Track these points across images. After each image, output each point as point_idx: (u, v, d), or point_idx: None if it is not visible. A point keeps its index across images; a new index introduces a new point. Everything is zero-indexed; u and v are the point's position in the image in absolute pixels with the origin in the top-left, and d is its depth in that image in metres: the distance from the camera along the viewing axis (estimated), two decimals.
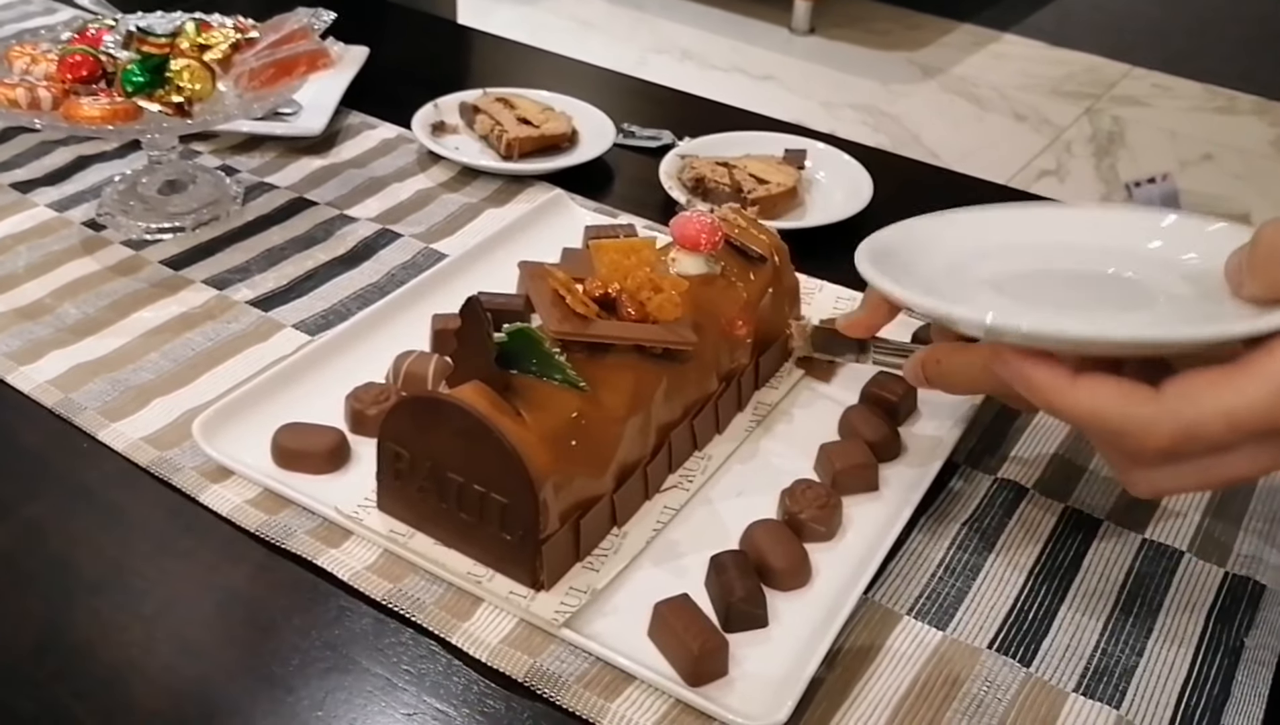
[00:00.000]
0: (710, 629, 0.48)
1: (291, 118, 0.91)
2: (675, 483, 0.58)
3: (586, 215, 0.81)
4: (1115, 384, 0.42)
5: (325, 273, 0.75)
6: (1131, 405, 0.41)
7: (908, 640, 0.51)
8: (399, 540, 0.53)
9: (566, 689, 0.48)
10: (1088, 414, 0.43)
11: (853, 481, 0.58)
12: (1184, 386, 0.41)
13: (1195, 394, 0.40)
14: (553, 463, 0.49)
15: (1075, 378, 0.43)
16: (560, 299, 0.54)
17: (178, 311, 0.70)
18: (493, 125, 0.90)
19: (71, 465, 0.59)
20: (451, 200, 0.84)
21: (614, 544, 0.54)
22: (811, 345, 0.64)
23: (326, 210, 0.82)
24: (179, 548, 0.54)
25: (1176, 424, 0.41)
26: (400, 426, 0.52)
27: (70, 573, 0.53)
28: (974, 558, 0.55)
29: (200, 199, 0.80)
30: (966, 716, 0.48)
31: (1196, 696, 0.49)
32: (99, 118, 0.69)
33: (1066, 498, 0.59)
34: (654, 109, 1.01)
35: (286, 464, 0.57)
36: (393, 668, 0.49)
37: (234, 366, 0.65)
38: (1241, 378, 0.40)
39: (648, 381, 0.55)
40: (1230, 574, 0.55)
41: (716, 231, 0.60)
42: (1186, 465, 0.42)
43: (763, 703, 0.46)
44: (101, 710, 0.47)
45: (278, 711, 0.47)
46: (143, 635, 0.50)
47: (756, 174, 0.84)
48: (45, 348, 0.66)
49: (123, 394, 0.63)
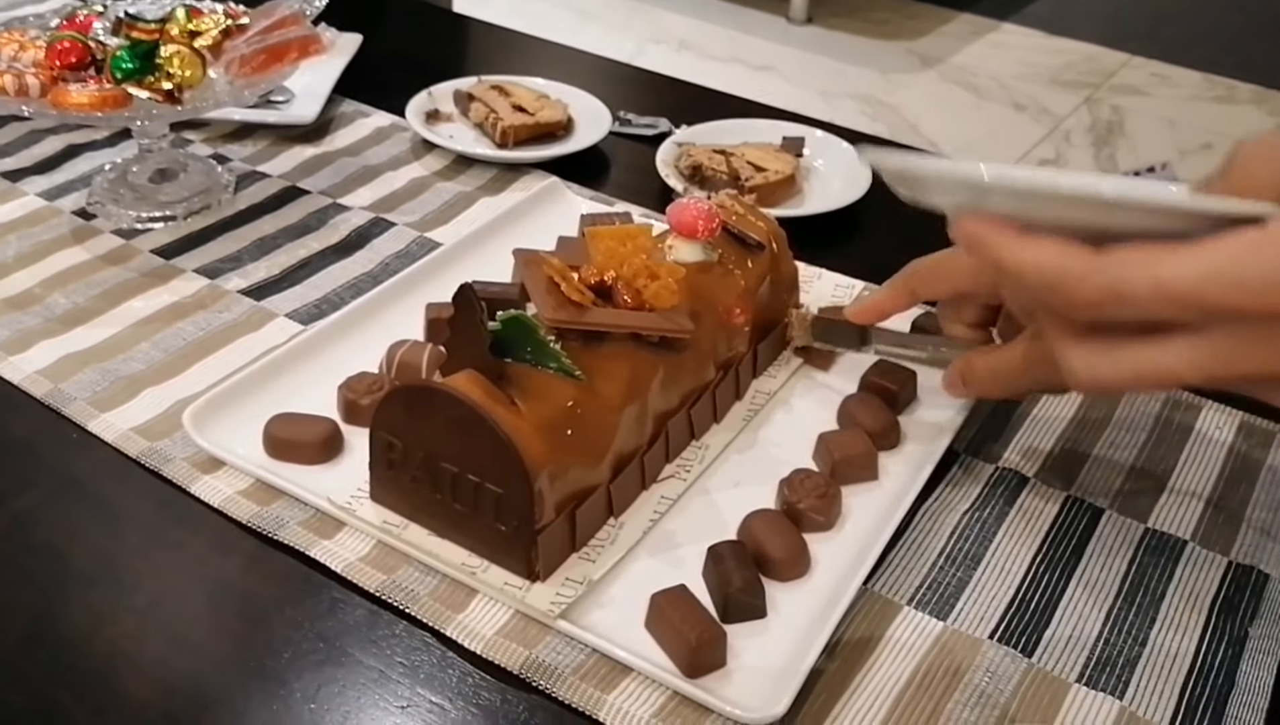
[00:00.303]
0: (708, 620, 0.48)
1: (284, 106, 0.90)
2: (672, 473, 0.57)
3: (582, 203, 0.80)
4: (1060, 241, 0.42)
5: (318, 262, 0.74)
6: (1069, 257, 0.41)
7: (908, 631, 0.50)
8: (392, 531, 0.52)
9: (563, 681, 0.47)
10: (1030, 265, 0.42)
11: (852, 471, 0.57)
12: (1123, 250, 0.40)
13: (1131, 256, 0.40)
14: (548, 452, 0.49)
15: (1027, 234, 0.43)
16: (555, 286, 0.53)
17: (169, 301, 0.69)
18: (487, 113, 0.89)
19: (61, 456, 0.58)
20: (446, 189, 0.83)
21: (610, 535, 0.53)
22: (811, 335, 0.63)
23: (319, 199, 0.81)
24: (170, 539, 0.54)
25: (1104, 278, 0.40)
26: (393, 416, 0.51)
27: (60, 565, 0.52)
28: (975, 547, 0.55)
29: (191, 187, 0.79)
30: (968, 707, 0.47)
31: (1201, 687, 0.48)
32: (88, 105, 0.68)
33: (1068, 486, 0.58)
34: (650, 97, 1.00)
35: (278, 454, 0.56)
36: (386, 660, 0.48)
37: (226, 356, 0.65)
38: (1180, 251, 0.39)
39: (644, 370, 0.54)
40: (1234, 563, 0.54)
41: (714, 218, 0.59)
42: (1120, 347, 0.42)
43: (761, 694, 0.46)
44: (92, 703, 0.46)
45: (270, 704, 0.46)
46: (133, 627, 0.49)
47: (754, 162, 0.83)
48: (34, 338, 0.65)
49: (113, 384, 0.62)
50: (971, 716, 0.47)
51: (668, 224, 0.60)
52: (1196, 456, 0.61)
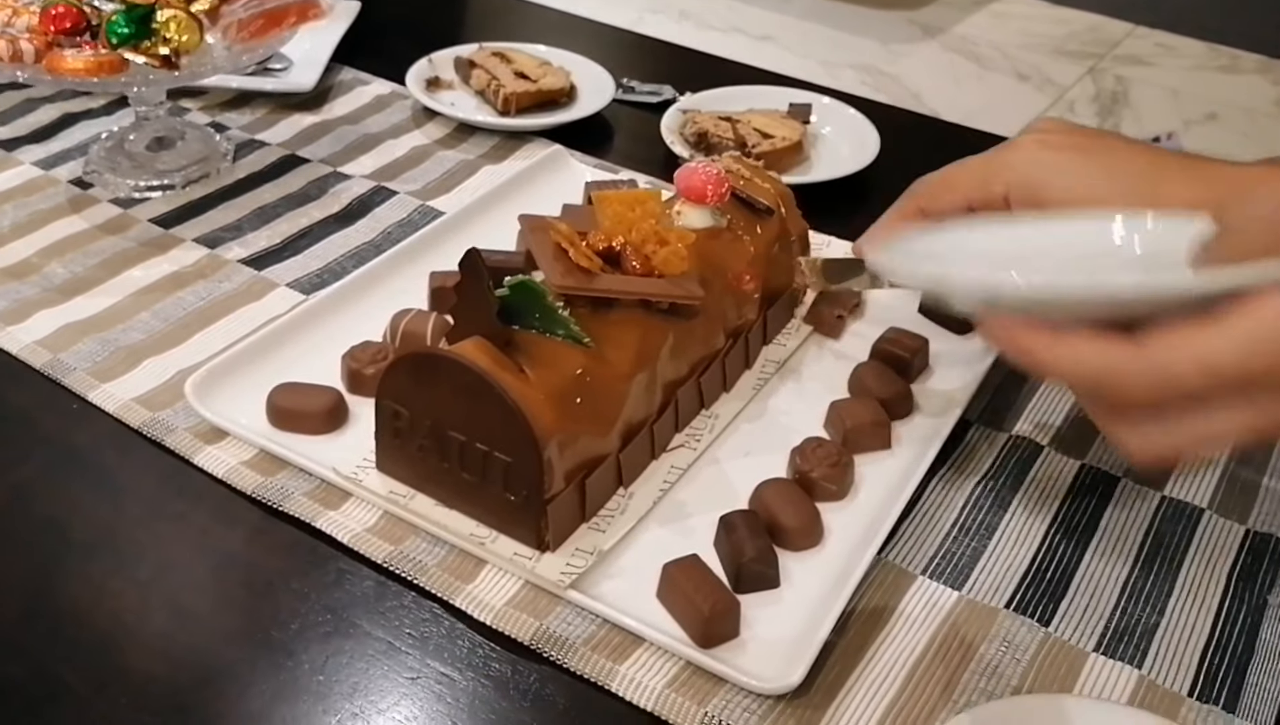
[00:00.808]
0: (721, 589, 0.47)
1: (282, 73, 0.89)
2: (682, 442, 0.56)
3: (586, 171, 0.79)
4: (1096, 336, 0.43)
5: (319, 231, 0.73)
6: (1110, 354, 0.42)
7: (923, 601, 0.50)
8: (399, 502, 0.52)
9: (574, 652, 0.46)
10: (1070, 365, 0.44)
11: (865, 439, 0.56)
12: (1161, 336, 0.42)
13: (1171, 341, 0.41)
14: (557, 420, 0.48)
15: (1059, 334, 0.43)
16: (563, 253, 0.52)
17: (168, 270, 0.68)
18: (489, 80, 0.88)
19: (61, 427, 0.57)
20: (448, 157, 0.82)
21: (620, 504, 0.52)
22: (824, 277, 0.62)
23: (319, 167, 0.80)
24: (172, 510, 0.53)
25: (1153, 368, 0.41)
26: (399, 384, 0.50)
27: (60, 536, 0.51)
28: (989, 517, 0.54)
29: (190, 156, 0.78)
30: (984, 677, 0.46)
31: (1220, 655, 0.48)
32: (83, 70, 0.67)
33: (1083, 455, 0.58)
34: (654, 64, 0.99)
35: (282, 424, 0.55)
36: (395, 631, 0.48)
37: (227, 326, 0.64)
38: (1216, 327, 0.41)
39: (653, 338, 0.53)
40: (1252, 531, 0.54)
41: (723, 183, 0.58)
42: (1171, 420, 0.43)
43: (776, 664, 0.45)
44: (94, 676, 0.45)
45: (277, 676, 0.46)
46: (136, 600, 0.49)
47: (761, 128, 0.82)
48: (33, 308, 0.64)
49: (113, 354, 0.61)
50: (988, 686, 0.46)
51: (675, 189, 0.59)
52: None
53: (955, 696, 0.46)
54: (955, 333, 0.64)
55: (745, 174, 0.63)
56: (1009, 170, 0.54)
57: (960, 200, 0.57)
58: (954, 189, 0.57)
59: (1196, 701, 0.46)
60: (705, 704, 0.44)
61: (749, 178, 0.63)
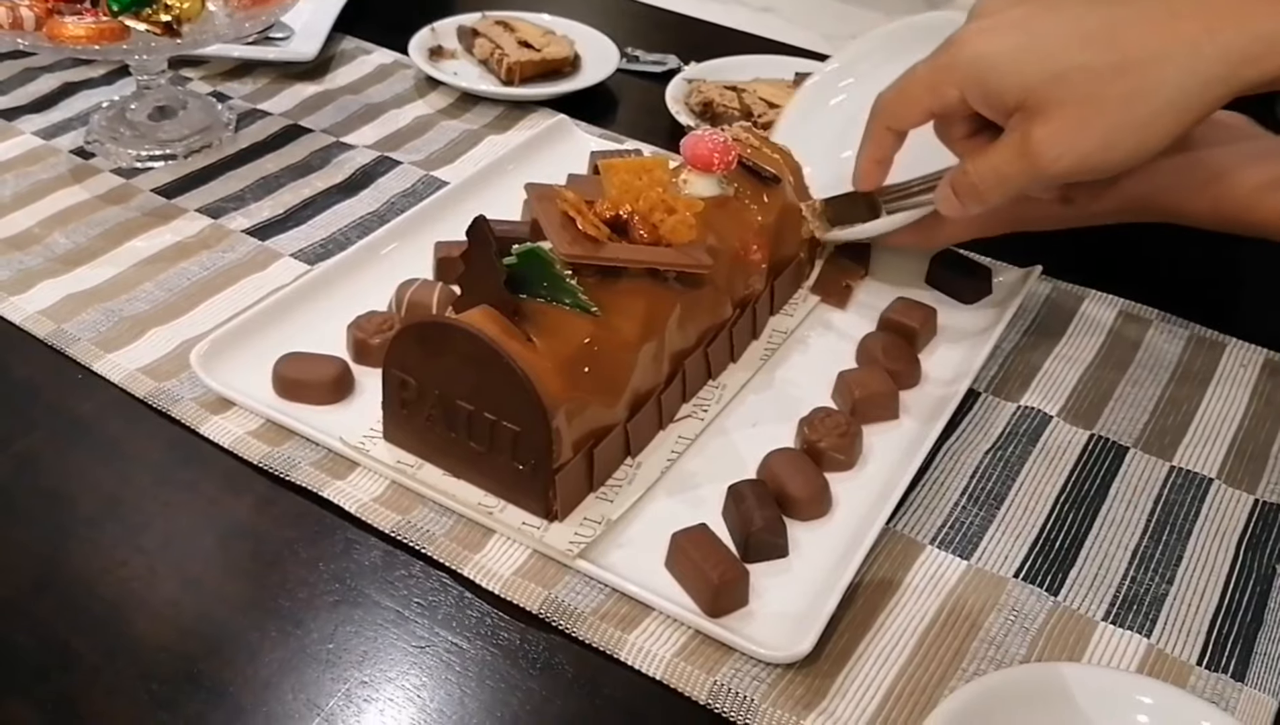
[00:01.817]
0: (730, 559, 0.47)
1: (283, 43, 0.88)
2: (689, 412, 0.56)
3: (591, 141, 0.78)
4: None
5: (323, 201, 0.72)
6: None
7: (931, 570, 0.50)
8: (407, 471, 0.51)
9: (582, 621, 0.46)
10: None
11: (873, 409, 0.56)
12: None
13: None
14: (565, 389, 0.48)
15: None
16: (570, 221, 0.52)
17: (172, 240, 0.68)
18: (492, 49, 0.87)
19: (66, 397, 0.57)
20: (451, 127, 0.81)
21: (628, 474, 0.52)
22: (827, 220, 0.62)
23: (322, 137, 0.79)
24: (179, 480, 0.53)
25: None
26: (406, 353, 0.50)
27: (67, 507, 0.51)
28: (998, 486, 0.54)
29: (191, 125, 0.77)
30: (993, 646, 0.46)
31: (1229, 624, 0.48)
32: (84, 37, 0.66)
33: (1092, 425, 0.57)
34: (658, 33, 0.98)
35: (288, 394, 0.55)
36: (403, 600, 0.48)
37: (231, 296, 0.63)
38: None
39: (661, 307, 0.53)
40: (1261, 501, 0.54)
41: (730, 151, 0.58)
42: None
43: (785, 633, 0.45)
44: (103, 645, 0.45)
45: (287, 644, 0.45)
46: (144, 569, 0.48)
47: (767, 98, 0.81)
48: (35, 278, 0.64)
49: (117, 324, 0.61)
50: (996, 655, 0.46)
51: (682, 157, 0.59)
52: (1221, 395, 0.60)
53: (964, 665, 0.46)
54: (963, 303, 0.64)
55: (754, 143, 0.63)
56: (955, 71, 0.54)
57: (922, 112, 0.57)
58: (911, 102, 0.57)
59: (1205, 670, 0.46)
60: (714, 673, 0.44)
61: (757, 146, 0.63)
